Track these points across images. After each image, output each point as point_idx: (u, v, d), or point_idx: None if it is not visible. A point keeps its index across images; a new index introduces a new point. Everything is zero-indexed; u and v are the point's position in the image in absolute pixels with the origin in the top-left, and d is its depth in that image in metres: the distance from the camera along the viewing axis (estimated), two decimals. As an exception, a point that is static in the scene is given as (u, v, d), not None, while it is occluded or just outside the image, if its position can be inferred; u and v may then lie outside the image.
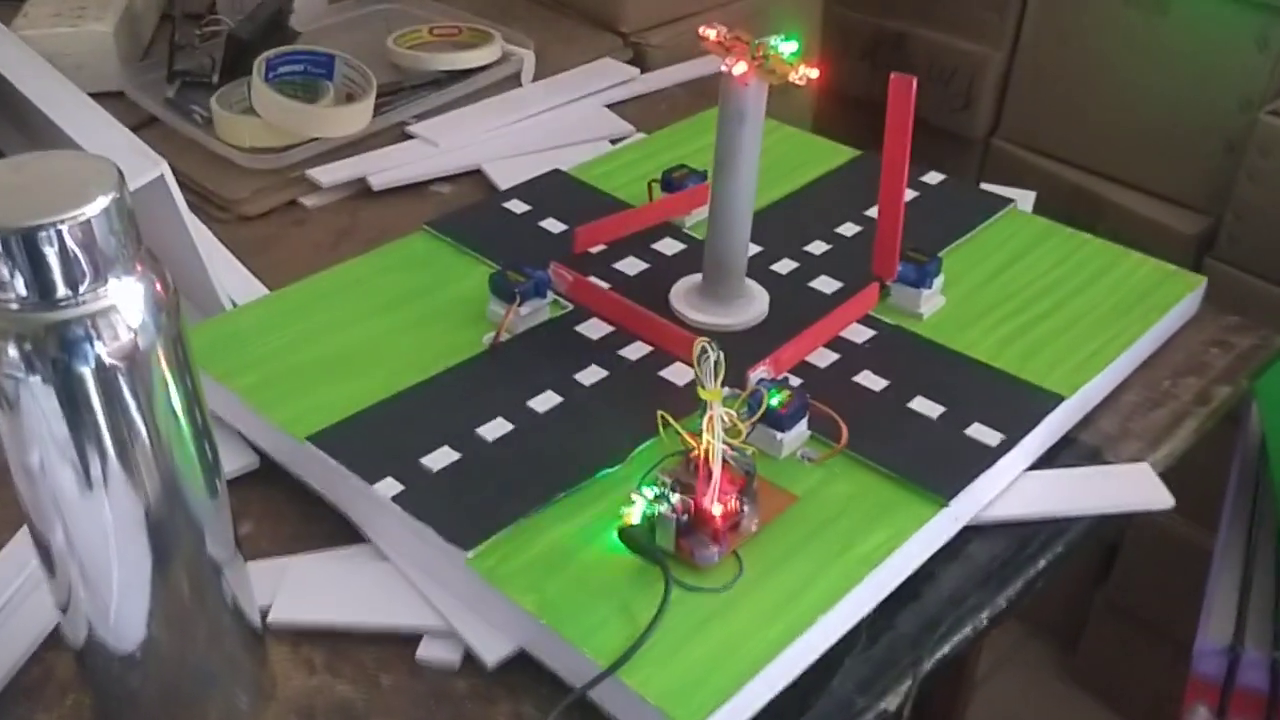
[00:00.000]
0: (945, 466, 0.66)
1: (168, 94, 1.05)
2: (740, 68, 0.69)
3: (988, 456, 0.67)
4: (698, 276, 0.80)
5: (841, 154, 0.99)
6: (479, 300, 0.79)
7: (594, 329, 0.77)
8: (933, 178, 0.95)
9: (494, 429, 0.68)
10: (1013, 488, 0.69)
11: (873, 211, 0.86)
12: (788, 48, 0.70)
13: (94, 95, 0.88)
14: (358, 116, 1.00)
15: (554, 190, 0.92)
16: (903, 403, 0.71)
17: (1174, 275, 0.84)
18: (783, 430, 0.66)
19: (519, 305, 0.75)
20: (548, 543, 0.61)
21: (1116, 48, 1.39)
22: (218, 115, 0.99)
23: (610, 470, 0.65)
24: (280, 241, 0.94)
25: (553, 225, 0.88)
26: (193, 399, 0.48)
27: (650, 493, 0.60)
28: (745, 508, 0.61)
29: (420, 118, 1.06)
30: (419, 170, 1.00)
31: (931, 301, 0.80)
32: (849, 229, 0.88)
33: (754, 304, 0.79)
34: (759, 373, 0.69)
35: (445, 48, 1.15)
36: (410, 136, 1.04)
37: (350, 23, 1.21)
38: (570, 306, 0.79)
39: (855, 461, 0.67)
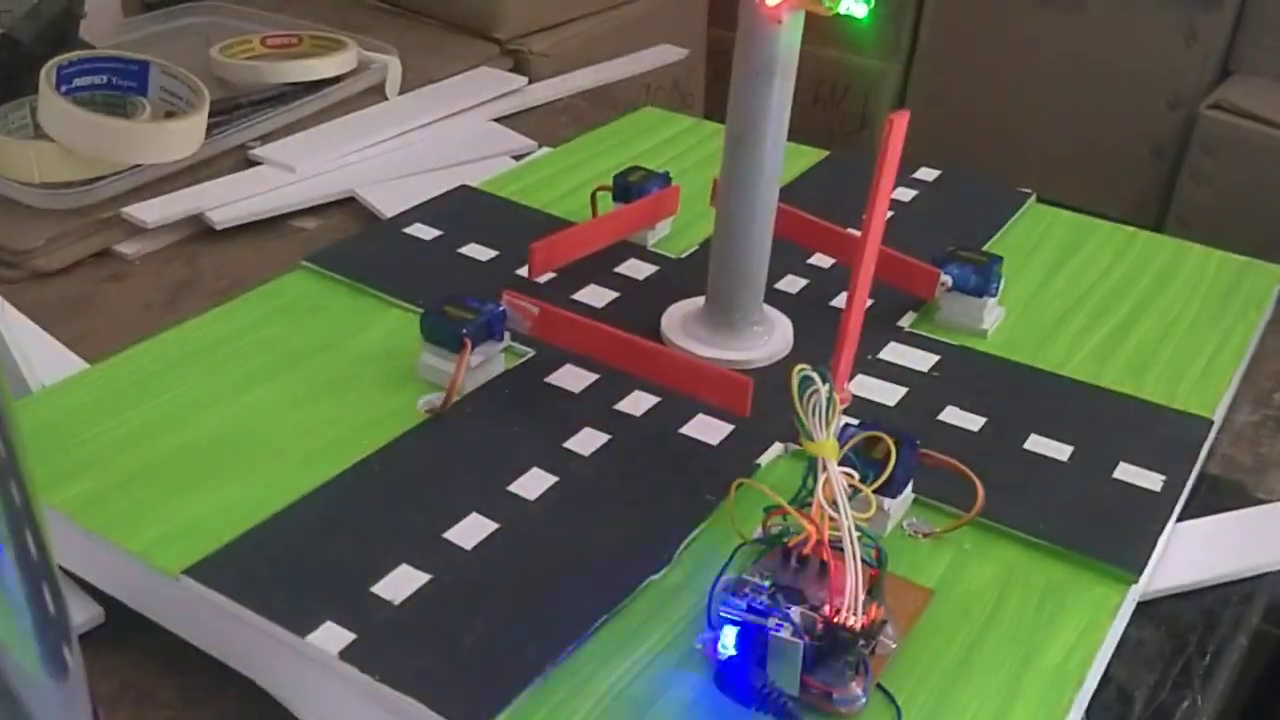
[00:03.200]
0: (1113, 526, 0.48)
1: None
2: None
3: (1159, 507, 0.49)
4: (694, 302, 0.60)
5: (806, 155, 0.81)
6: (399, 353, 0.57)
7: (571, 377, 0.55)
8: (927, 173, 0.78)
9: (470, 531, 0.46)
10: (1170, 545, 0.51)
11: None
12: None
13: None
14: (189, 135, 0.77)
15: (467, 210, 0.71)
16: (1015, 444, 0.52)
17: (1251, 267, 0.69)
18: (891, 494, 0.46)
19: (470, 352, 0.53)
20: (594, 702, 0.39)
21: (1029, 52, 1.27)
22: (6, 143, 0.74)
23: (655, 577, 0.44)
24: (94, 303, 0.70)
25: (478, 251, 0.66)
26: (23, 524, 0.24)
27: (750, 605, 0.39)
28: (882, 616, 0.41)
29: (265, 140, 0.83)
30: (274, 201, 0.77)
31: (993, 313, 0.61)
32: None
33: (776, 331, 0.59)
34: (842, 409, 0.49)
35: (286, 58, 0.92)
36: (257, 162, 0.81)
37: (156, 37, 0.97)
38: (530, 351, 0.57)
39: (985, 530, 0.47)
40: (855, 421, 0.48)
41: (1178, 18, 1.18)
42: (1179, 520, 0.52)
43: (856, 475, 0.42)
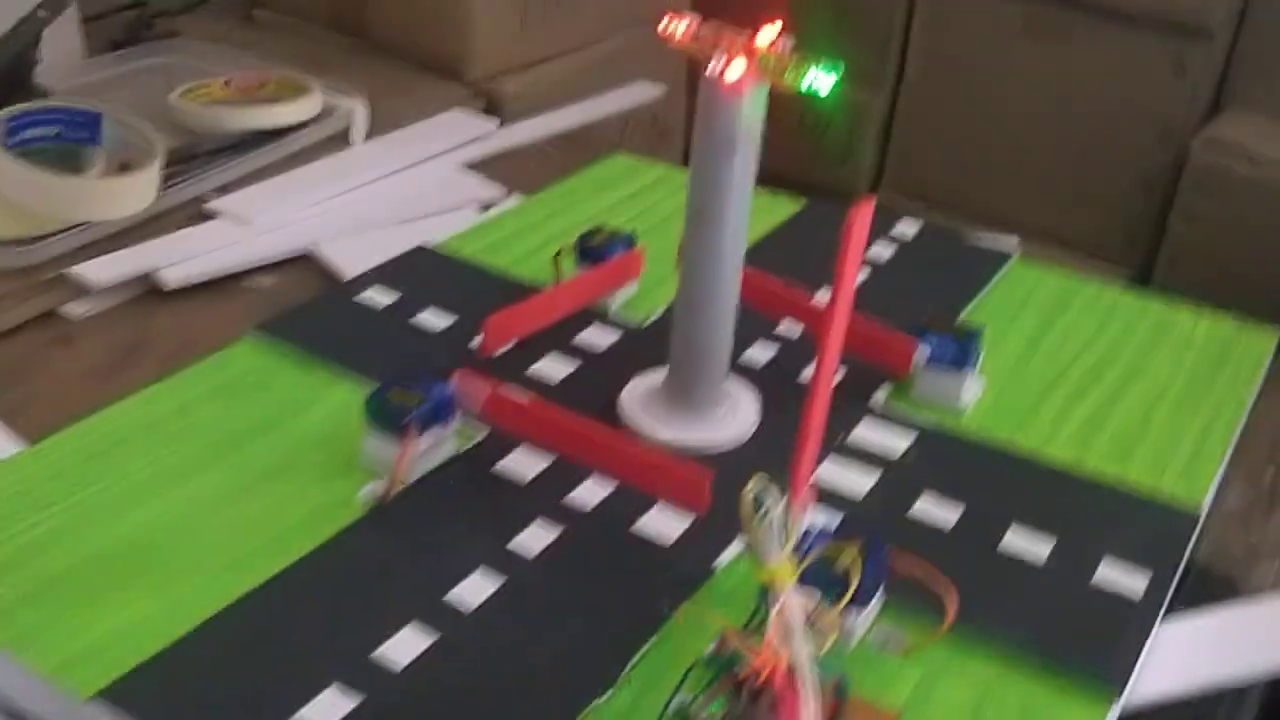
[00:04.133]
0: (1094, 635, 0.45)
1: None
2: (735, 69, 0.47)
3: (1143, 612, 0.46)
4: (656, 376, 0.57)
5: (782, 207, 0.78)
6: (345, 434, 0.54)
7: (523, 463, 0.52)
8: (908, 227, 0.75)
9: (405, 646, 0.43)
10: (1155, 651, 0.48)
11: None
12: (782, 41, 0.49)
13: None
14: (140, 190, 0.74)
15: (425, 273, 0.68)
16: (992, 541, 0.49)
17: (1243, 332, 0.66)
18: (860, 606, 0.43)
19: (418, 437, 0.51)
20: None
21: (1014, 83, 1.25)
22: (-65, 199, 0.71)
23: (600, 701, 0.41)
24: (36, 369, 0.66)
25: (433, 320, 0.63)
26: None
27: (698, 748, 0.36)
28: (843, 749, 0.38)
29: (224, 190, 0.80)
30: (229, 258, 0.74)
31: (973, 387, 0.59)
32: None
33: (740, 410, 0.56)
34: (803, 515, 0.46)
35: (248, 103, 0.89)
36: (212, 215, 0.78)
37: (119, 79, 0.94)
38: (483, 432, 0.54)
39: (959, 641, 0.44)
40: (818, 525, 0.45)
41: (1166, 49, 1.15)
42: (1165, 617, 0.49)
43: (817, 596, 0.39)
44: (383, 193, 0.83)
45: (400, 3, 1.01)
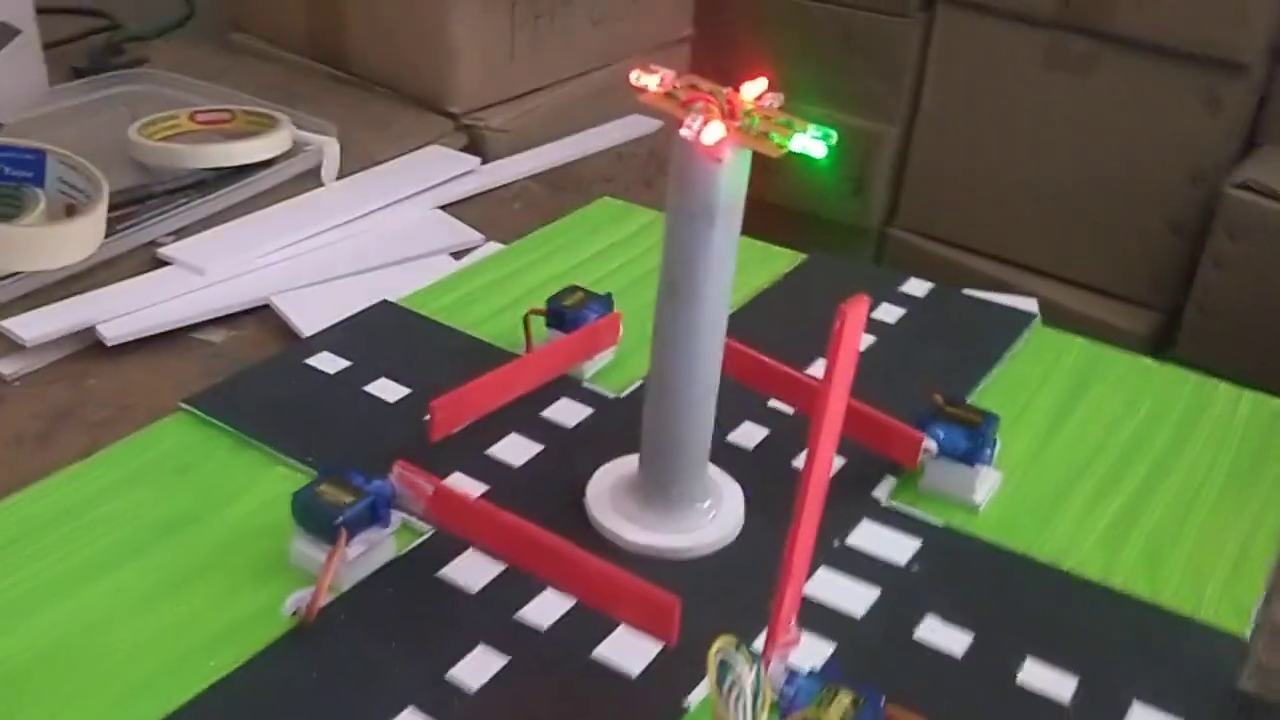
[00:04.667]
0: (1124, 801, 0.38)
1: None
2: (713, 131, 0.41)
3: (1181, 769, 0.40)
4: (628, 463, 0.51)
5: (778, 261, 0.72)
6: (275, 529, 0.48)
7: (472, 570, 0.46)
8: (917, 287, 0.69)
9: (313, 810, 0.36)
10: (1193, 801, 0.41)
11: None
12: (768, 98, 0.43)
13: None
14: (82, 237, 0.68)
15: (384, 333, 0.62)
16: (1008, 675, 0.43)
17: (1288, 412, 0.59)
18: (846, 767, 0.37)
19: (345, 544, 0.44)
20: None
21: (1035, 116, 1.18)
22: None
23: None
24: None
25: (387, 390, 0.57)
26: None
27: None
28: None
29: (179, 234, 0.74)
30: (177, 311, 0.68)
31: (987, 482, 0.52)
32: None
33: (723, 508, 0.50)
34: (780, 656, 0.39)
35: (213, 138, 0.84)
36: (164, 262, 0.72)
37: (80, 110, 0.88)
38: (429, 530, 0.48)
39: (965, 803, 0.38)
40: (805, 668, 0.39)
41: (1198, 83, 1.09)
42: (1205, 761, 0.42)
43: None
44: (351, 237, 0.77)
45: (380, 30, 0.96)
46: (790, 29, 1.28)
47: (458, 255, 0.76)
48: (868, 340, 0.63)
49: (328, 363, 0.59)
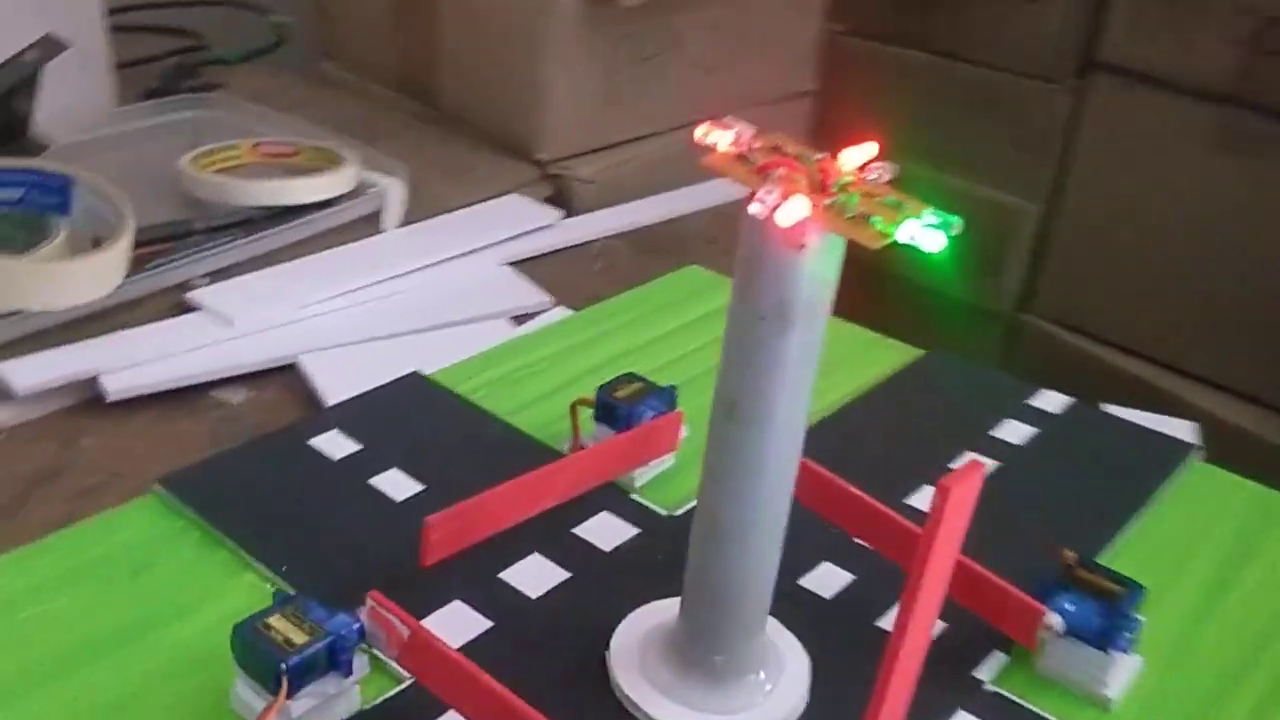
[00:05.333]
0: None
1: None
2: (794, 209, 0.31)
3: None
4: (668, 609, 0.40)
5: (886, 353, 0.61)
6: (226, 660, 0.38)
7: (453, 739, 0.36)
8: (1051, 402, 0.57)
9: None
10: None
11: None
12: (876, 168, 0.33)
13: None
14: (94, 276, 0.61)
15: (407, 412, 0.53)
16: None
17: None
18: None
19: (289, 696, 0.35)
20: None
21: (1199, 201, 1.05)
22: None
23: None
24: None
25: (397, 486, 0.48)
26: None
27: None
28: None
29: (215, 278, 0.67)
30: (195, 365, 0.60)
31: (1124, 672, 0.41)
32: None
33: (783, 680, 0.39)
34: None
35: (273, 173, 0.76)
36: (194, 308, 0.65)
37: (140, 134, 0.82)
38: (405, 678, 0.38)
39: None
40: None
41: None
42: None
43: None
44: (403, 292, 0.68)
45: (470, 66, 0.88)
46: (925, 89, 1.17)
47: (520, 320, 0.67)
48: (987, 465, 0.51)
49: (334, 445, 0.50)
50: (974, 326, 1.21)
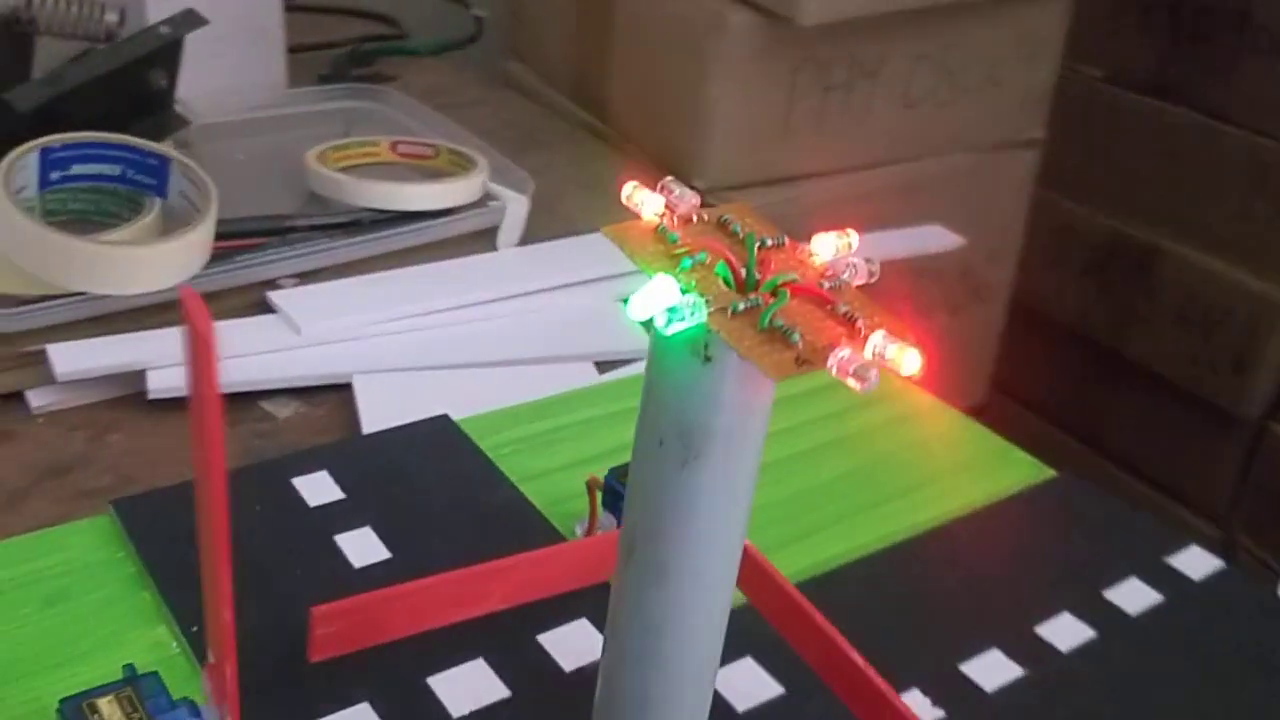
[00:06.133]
0: None
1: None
2: (685, 312, 0.23)
3: None
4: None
5: (1010, 469, 0.51)
6: None
7: None
8: (1197, 564, 0.45)
9: None
10: None
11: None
12: (855, 271, 0.25)
13: None
14: (163, 265, 0.58)
15: (414, 460, 0.47)
16: None
17: None
18: None
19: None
20: None
21: None
22: (-56, 230, 0.58)
23: None
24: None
25: (362, 548, 0.42)
26: None
27: None
28: None
29: (308, 278, 0.63)
30: (249, 371, 0.57)
31: None
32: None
33: None
34: None
35: (404, 174, 0.72)
36: (272, 310, 0.61)
37: (290, 120, 0.80)
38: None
39: None
40: None
41: None
42: None
43: None
44: (495, 318, 0.62)
45: (638, 82, 0.82)
46: (1183, 151, 1.02)
47: (604, 367, 0.60)
48: (1081, 634, 0.41)
49: (316, 488, 0.45)
50: (1211, 430, 1.05)
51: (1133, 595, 0.43)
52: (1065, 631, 0.41)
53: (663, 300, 0.23)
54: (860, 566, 0.44)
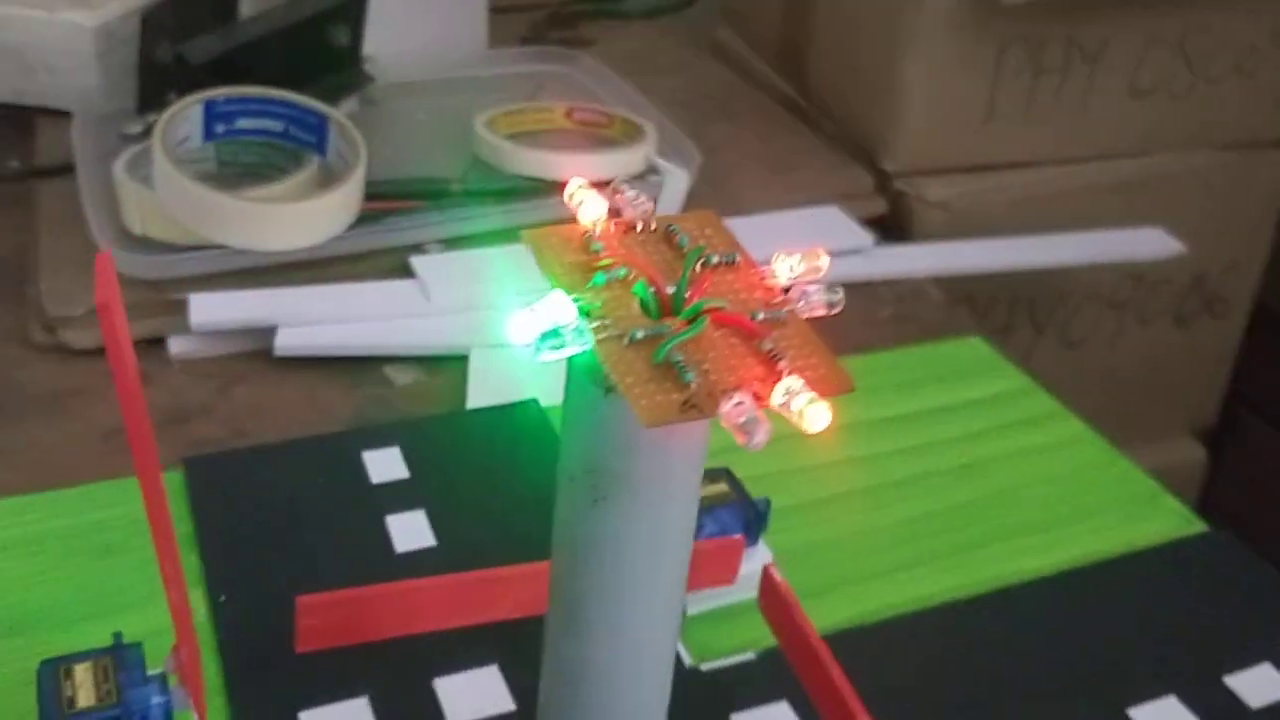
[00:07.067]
0: None
1: (128, 129, 0.68)
2: (569, 337, 0.20)
3: None
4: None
5: (1159, 515, 0.45)
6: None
7: None
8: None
9: None
10: None
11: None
12: (809, 301, 0.21)
13: (46, 112, 0.72)
14: (305, 223, 0.58)
15: (488, 443, 0.46)
16: None
17: None
18: None
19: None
20: None
21: None
22: (120, 178, 0.61)
23: None
24: (67, 410, 0.54)
25: (409, 533, 0.41)
26: None
27: None
28: None
29: (453, 245, 0.63)
30: (376, 336, 0.57)
31: None
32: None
33: None
34: None
35: (573, 142, 0.71)
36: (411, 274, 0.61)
37: (479, 83, 0.79)
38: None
39: None
40: None
41: None
42: None
43: None
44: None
45: (835, 56, 0.77)
46: None
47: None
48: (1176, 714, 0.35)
49: (384, 465, 0.44)
50: None
51: (1259, 684, 0.37)
52: (1167, 716, 0.35)
53: (547, 321, 0.20)
54: (948, 612, 0.39)
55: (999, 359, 0.55)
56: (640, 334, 0.20)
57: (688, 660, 0.37)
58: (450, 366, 0.57)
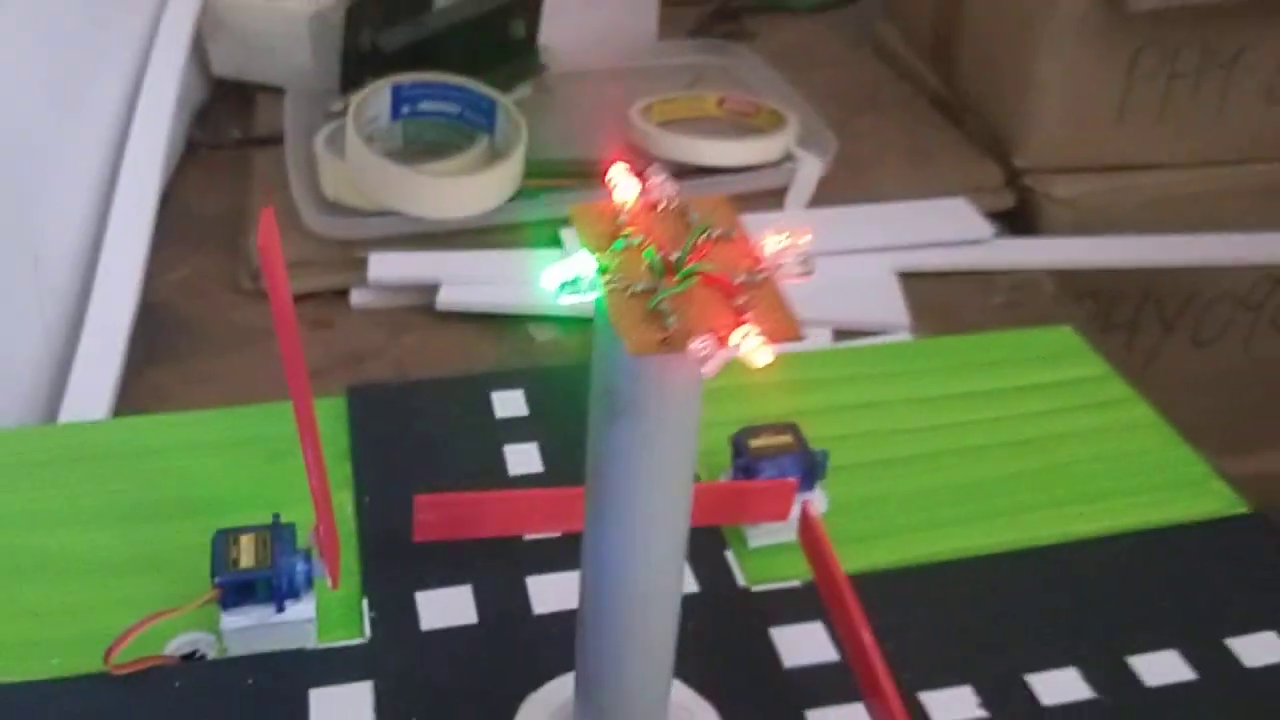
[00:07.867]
0: None
1: (331, 107, 0.78)
2: (579, 284, 0.27)
3: None
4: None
5: (1204, 495, 0.48)
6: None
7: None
8: None
9: None
10: None
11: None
12: (788, 264, 0.28)
13: (264, 89, 0.83)
14: (468, 195, 0.67)
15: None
16: None
17: None
18: None
19: (224, 607, 0.38)
20: None
21: None
22: (319, 149, 0.70)
23: None
24: (265, 346, 0.63)
25: (522, 459, 0.48)
26: None
27: None
28: None
29: (600, 219, 0.70)
30: (523, 296, 0.64)
31: None
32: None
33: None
34: None
35: (720, 130, 0.77)
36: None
37: (642, 73, 0.87)
38: (369, 631, 0.40)
39: None
40: None
41: None
42: None
43: None
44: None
45: (979, 53, 0.81)
46: None
47: (843, 336, 0.62)
48: (1177, 673, 0.39)
49: (508, 404, 0.51)
50: None
51: (1258, 648, 0.40)
52: (1161, 666, 0.40)
53: (570, 273, 0.27)
54: (982, 563, 0.44)
55: (1084, 347, 0.58)
56: (640, 287, 0.26)
57: (741, 581, 0.43)
58: (584, 328, 0.64)
